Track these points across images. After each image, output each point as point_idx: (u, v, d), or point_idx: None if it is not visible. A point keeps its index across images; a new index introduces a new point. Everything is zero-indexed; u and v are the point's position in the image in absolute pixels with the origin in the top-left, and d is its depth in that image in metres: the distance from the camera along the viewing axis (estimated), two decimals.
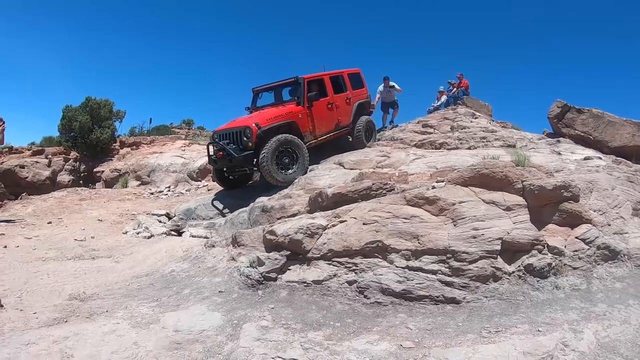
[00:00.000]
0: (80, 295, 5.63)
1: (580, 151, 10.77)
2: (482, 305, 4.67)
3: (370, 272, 5.11)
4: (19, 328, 4.55)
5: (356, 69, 13.04)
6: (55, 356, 3.95)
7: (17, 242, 8.39)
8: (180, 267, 6.64)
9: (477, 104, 15.19)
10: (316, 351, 4.07)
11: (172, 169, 15.66)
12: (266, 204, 7.71)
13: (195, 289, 5.70)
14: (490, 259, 4.93)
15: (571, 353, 3.65)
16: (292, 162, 9.69)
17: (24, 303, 5.39)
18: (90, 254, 7.78)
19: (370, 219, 5.52)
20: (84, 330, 4.42)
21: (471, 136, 11.45)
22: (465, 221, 5.22)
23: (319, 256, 5.49)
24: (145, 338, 4.35)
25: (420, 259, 5.04)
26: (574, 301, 4.70)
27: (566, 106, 12.49)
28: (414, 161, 9.34)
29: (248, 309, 4.99)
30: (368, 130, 12.60)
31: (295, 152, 9.71)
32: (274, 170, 9.21)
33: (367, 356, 3.91)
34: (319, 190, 6.92)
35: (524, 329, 4.05)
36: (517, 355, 3.45)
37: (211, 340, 4.38)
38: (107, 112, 18.83)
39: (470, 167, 5.96)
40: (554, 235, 5.44)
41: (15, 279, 6.25)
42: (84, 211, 11.38)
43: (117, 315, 4.86)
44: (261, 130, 9.35)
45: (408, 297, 4.84)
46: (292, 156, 9.69)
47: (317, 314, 4.82)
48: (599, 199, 6.45)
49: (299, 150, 9.74)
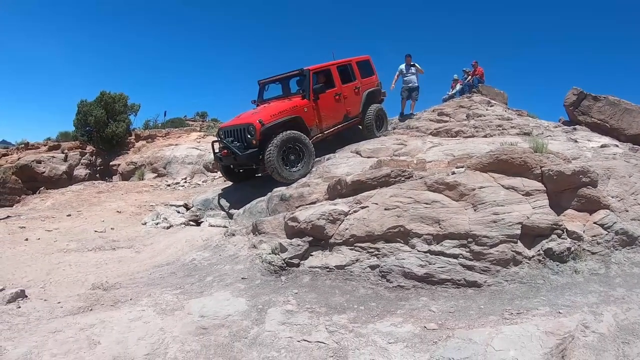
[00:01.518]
0: (103, 284, 5.76)
1: (597, 139, 10.77)
2: (503, 289, 4.76)
3: (392, 257, 5.22)
4: (45, 317, 4.65)
5: (365, 56, 12.67)
6: (83, 343, 4.03)
7: (38, 234, 8.60)
8: (201, 256, 6.76)
9: (492, 91, 15.14)
10: (341, 334, 4.16)
11: (188, 161, 15.86)
12: (284, 193, 7.80)
13: (217, 276, 5.81)
14: (511, 243, 5.01)
15: (591, 334, 3.72)
16: (298, 158, 9.55)
17: (48, 293, 5.55)
18: (111, 244, 7.97)
19: (392, 204, 5.62)
20: (109, 318, 4.50)
21: (487, 124, 11.46)
22: (485, 206, 5.29)
23: (341, 242, 5.59)
24: (171, 324, 4.44)
25: (442, 244, 5.14)
26: (593, 285, 4.76)
27: (582, 93, 12.46)
28: (431, 149, 9.36)
29: (272, 295, 5.10)
30: (379, 119, 12.31)
31: (301, 149, 9.55)
32: (280, 168, 9.08)
33: (392, 338, 4.00)
34: (338, 178, 6.99)
35: (545, 311, 4.12)
36: (539, 334, 3.53)
37: (237, 325, 4.47)
38: (122, 106, 19.00)
39: (489, 153, 6.03)
40: (572, 220, 5.50)
41: (38, 270, 6.44)
42: (102, 203, 11.63)
43: (142, 303, 4.95)
44: (265, 127, 9.20)
45: (430, 281, 4.95)
46: (298, 153, 9.53)
47: (341, 298, 4.92)
48: (616, 186, 6.48)
49: (305, 147, 9.56)
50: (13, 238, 8.31)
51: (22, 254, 7.31)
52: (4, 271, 6.33)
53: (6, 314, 4.66)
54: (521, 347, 3.40)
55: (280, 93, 11.58)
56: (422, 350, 3.74)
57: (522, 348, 3.39)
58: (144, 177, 15.87)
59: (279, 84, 11.73)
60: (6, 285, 5.66)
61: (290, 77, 11.35)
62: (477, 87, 15.53)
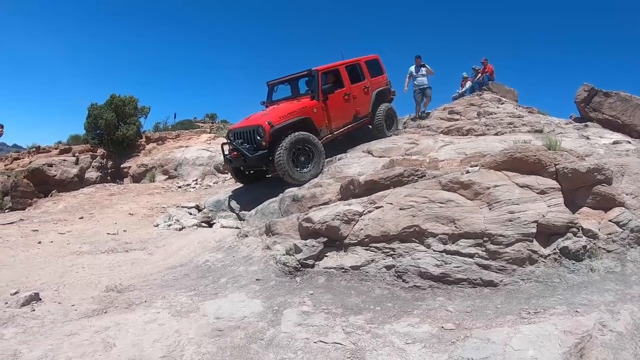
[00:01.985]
0: (116, 286, 5.80)
1: (609, 135, 10.73)
2: (519, 288, 4.77)
3: (408, 257, 5.26)
4: (59, 320, 4.68)
5: (374, 55, 12.65)
6: (98, 345, 4.06)
7: (51, 237, 8.67)
8: (214, 257, 6.80)
9: (502, 89, 15.15)
10: (358, 334, 4.19)
11: (199, 162, 16.02)
12: (297, 194, 7.86)
13: (231, 278, 5.85)
14: (526, 241, 5.02)
15: (609, 333, 3.73)
16: (308, 159, 9.52)
17: (62, 296, 5.57)
18: (124, 247, 8.03)
19: (407, 204, 5.65)
20: (124, 320, 4.54)
21: (498, 122, 11.46)
22: (500, 205, 5.31)
23: (356, 242, 5.63)
24: (187, 326, 4.47)
25: (457, 243, 5.17)
26: (609, 283, 4.76)
27: (593, 90, 12.42)
28: (443, 148, 9.37)
29: (287, 296, 5.13)
30: (389, 118, 12.19)
31: (311, 150, 9.53)
32: (290, 169, 9.07)
33: (410, 338, 4.02)
34: (350, 178, 7.03)
35: (562, 310, 4.14)
36: (558, 334, 3.55)
37: (253, 326, 4.49)
38: (132, 109, 19.16)
39: (503, 152, 6.04)
40: (587, 218, 5.51)
41: (51, 273, 6.48)
42: (114, 206, 11.74)
43: (156, 305, 4.99)
44: (274, 129, 9.19)
45: (446, 281, 4.97)
46: (308, 154, 9.51)
47: (357, 299, 4.95)
48: (630, 183, 6.45)
49: (315, 148, 9.55)
50: (26, 241, 8.37)
51: (35, 256, 7.37)
52: (17, 274, 6.38)
53: (21, 317, 4.71)
54: (540, 346, 3.42)
55: (289, 94, 11.57)
56: (440, 350, 3.76)
57: (540, 348, 3.41)
58: (155, 179, 16.02)
59: (287, 85, 11.73)
60: (20, 288, 5.71)
61: (299, 77, 11.33)
62: (487, 85, 15.53)
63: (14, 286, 5.76)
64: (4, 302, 5.10)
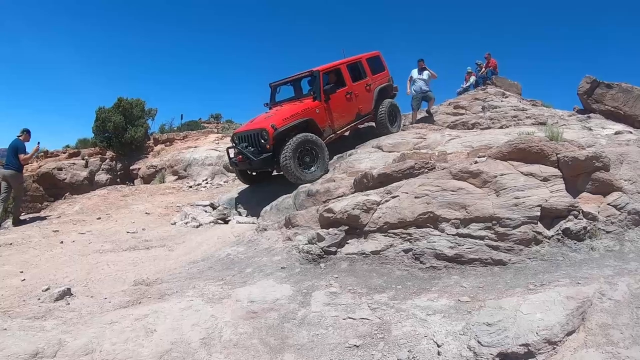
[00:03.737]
0: (144, 280, 6.12)
1: (611, 126, 11.15)
2: (526, 266, 5.32)
3: (424, 241, 5.82)
4: (96, 312, 4.96)
5: (375, 52, 12.87)
6: (140, 331, 4.32)
7: (72, 237, 8.94)
8: (236, 251, 7.20)
9: (506, 83, 15.58)
10: (383, 310, 4.72)
11: (208, 162, 16.30)
12: (311, 189, 8.39)
13: (257, 268, 6.27)
14: (532, 224, 5.57)
15: (608, 301, 4.22)
16: (312, 160, 9.81)
17: (92, 291, 5.86)
18: (144, 244, 8.34)
19: (421, 192, 6.20)
20: (160, 308, 4.80)
21: (502, 115, 11.95)
22: (507, 191, 5.85)
23: (375, 229, 6.19)
24: (221, 311, 4.82)
25: (469, 227, 5.72)
26: (608, 260, 5.26)
27: (595, 82, 12.85)
28: (450, 142, 9.84)
29: (314, 280, 5.63)
30: (391, 114, 12.46)
31: (314, 150, 9.80)
32: (297, 171, 9.38)
33: (430, 310, 4.56)
34: (364, 172, 7.55)
35: (565, 282, 4.65)
36: (561, 299, 4.09)
37: (285, 307, 4.92)
38: (140, 111, 19.43)
39: (508, 143, 6.57)
40: (587, 202, 6.03)
41: (77, 270, 6.76)
42: (129, 206, 12.01)
43: (188, 294, 5.29)
44: (277, 132, 9.45)
45: (460, 261, 5.55)
46: (312, 154, 9.79)
47: (379, 280, 5.50)
48: (629, 170, 6.92)
49: (319, 148, 9.81)
50: (48, 241, 8.65)
51: (60, 255, 7.65)
52: (45, 272, 6.68)
53: (57, 310, 4.99)
54: (546, 310, 3.98)
55: (292, 94, 11.88)
56: (458, 319, 4.31)
57: (547, 311, 3.96)
58: (164, 180, 16.34)
59: (290, 86, 12.05)
60: (50, 285, 5.98)
61: (300, 78, 11.62)
62: (491, 79, 15.99)
63: (43, 284, 6.06)
64: (37, 299, 5.43)
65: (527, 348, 3.69)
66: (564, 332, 3.79)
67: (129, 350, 4.07)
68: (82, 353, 3.98)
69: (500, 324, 3.95)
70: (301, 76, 11.50)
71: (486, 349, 3.78)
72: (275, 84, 11.97)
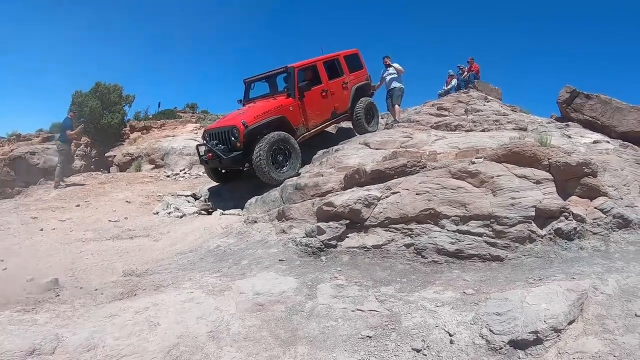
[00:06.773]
0: (133, 271, 6.22)
1: (589, 135, 11.80)
2: (522, 262, 5.76)
3: (425, 236, 6.20)
4: (90, 304, 4.89)
5: (354, 49, 12.86)
6: (143, 325, 4.32)
7: (52, 225, 8.93)
8: (226, 242, 7.37)
9: (487, 87, 16.20)
10: (391, 302, 4.99)
11: (186, 152, 16.38)
12: (299, 182, 8.61)
13: (253, 260, 6.45)
14: (527, 223, 6.01)
15: (600, 295, 4.67)
16: (285, 159, 9.87)
17: (80, 281, 5.88)
18: (128, 233, 8.39)
19: (422, 189, 6.58)
20: (160, 301, 4.81)
21: (484, 119, 12.44)
22: (503, 192, 6.28)
23: (376, 223, 6.52)
24: (225, 303, 4.90)
25: (468, 224, 6.14)
26: (596, 259, 5.73)
27: (575, 92, 13.57)
28: (436, 142, 10.19)
29: (317, 272, 5.87)
30: (368, 113, 12.50)
31: (287, 149, 9.87)
32: (272, 170, 9.46)
33: (438, 302, 4.88)
34: (356, 167, 7.88)
35: (561, 277, 5.08)
36: (563, 291, 4.50)
37: (291, 300, 5.09)
38: (117, 97, 19.34)
39: (503, 146, 7.04)
40: (576, 205, 6.50)
41: (61, 260, 6.78)
42: (108, 194, 11.97)
43: (186, 286, 5.34)
44: (248, 130, 9.49)
45: (460, 256, 5.95)
46: (284, 153, 9.85)
47: (383, 273, 5.81)
48: (612, 177, 7.49)
49: (292, 147, 9.91)
50: (27, 228, 8.62)
51: (41, 243, 7.64)
52: (26, 261, 6.56)
53: (47, 302, 4.90)
54: (550, 300, 4.39)
55: (267, 91, 11.86)
56: (467, 310, 4.65)
57: (551, 301, 4.38)
58: (141, 169, 16.32)
59: (265, 82, 12.03)
60: (34, 275, 5.76)
61: (276, 74, 11.62)
62: (473, 83, 16.59)
63: (26, 273, 5.83)
64: (23, 289, 5.29)
65: (535, 335, 4.08)
66: (567, 321, 4.22)
67: (134, 346, 4.07)
68: (84, 349, 3.92)
69: (509, 314, 4.34)
70: (276, 72, 11.51)
71: (498, 336, 4.16)
72: (249, 80, 11.96)
